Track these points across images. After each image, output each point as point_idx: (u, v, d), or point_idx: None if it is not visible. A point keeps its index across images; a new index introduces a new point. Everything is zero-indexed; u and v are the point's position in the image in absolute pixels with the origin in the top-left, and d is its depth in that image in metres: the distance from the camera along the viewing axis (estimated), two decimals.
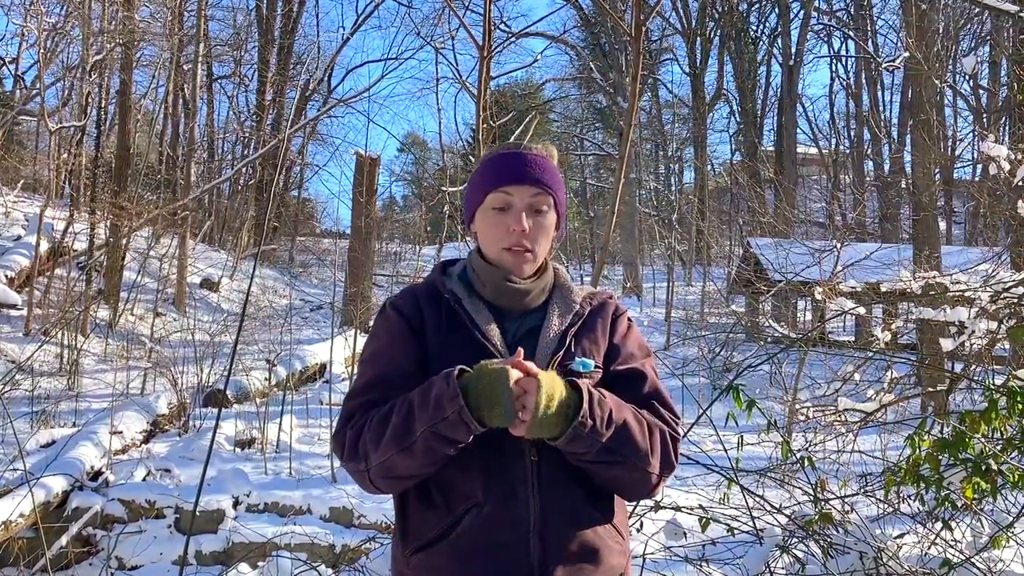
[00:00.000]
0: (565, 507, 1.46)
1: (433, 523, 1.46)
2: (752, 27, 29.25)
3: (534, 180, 1.55)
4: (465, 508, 1.44)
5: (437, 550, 1.45)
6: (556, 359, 1.50)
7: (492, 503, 1.43)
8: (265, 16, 23.04)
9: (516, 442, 1.44)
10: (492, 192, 1.56)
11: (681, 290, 20.98)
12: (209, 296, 15.63)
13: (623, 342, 1.62)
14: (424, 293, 1.59)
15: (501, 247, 1.55)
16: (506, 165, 1.57)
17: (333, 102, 22.92)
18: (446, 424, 1.34)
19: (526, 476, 1.44)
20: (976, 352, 5.03)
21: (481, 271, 1.58)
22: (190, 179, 16.75)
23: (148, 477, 6.59)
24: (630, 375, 1.58)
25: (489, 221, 1.56)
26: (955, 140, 23.11)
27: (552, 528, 1.44)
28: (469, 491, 1.44)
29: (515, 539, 1.42)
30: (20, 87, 19.67)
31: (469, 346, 1.49)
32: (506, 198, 1.55)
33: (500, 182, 1.55)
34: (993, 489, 2.73)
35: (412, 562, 1.47)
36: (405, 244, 30.53)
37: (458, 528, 1.44)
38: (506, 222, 1.54)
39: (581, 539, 1.46)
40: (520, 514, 1.43)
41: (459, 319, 1.54)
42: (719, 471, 3.41)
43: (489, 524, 1.43)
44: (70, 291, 11.60)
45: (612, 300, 1.68)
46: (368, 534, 5.23)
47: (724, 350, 12.58)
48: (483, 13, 4.52)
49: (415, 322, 1.55)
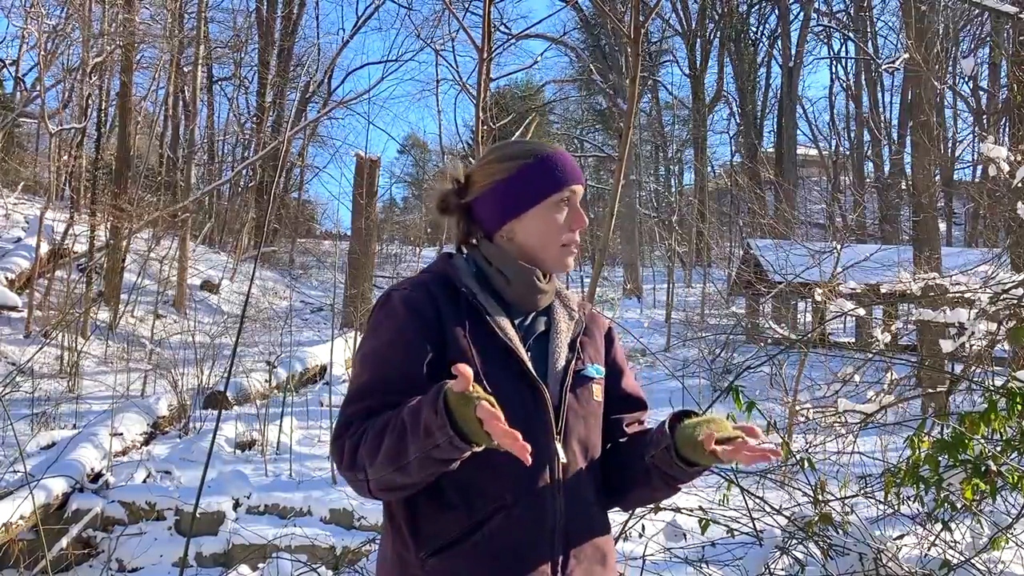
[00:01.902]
0: (583, 512, 1.50)
1: (452, 525, 1.42)
2: (752, 29, 29.33)
3: (581, 179, 1.61)
4: (493, 509, 1.42)
5: (459, 552, 1.41)
6: (571, 367, 1.54)
7: (522, 505, 1.43)
8: (265, 18, 23.07)
9: (543, 443, 1.45)
10: (558, 192, 1.57)
11: (681, 291, 20.99)
12: (209, 298, 15.64)
13: (616, 358, 1.69)
14: (437, 285, 1.54)
15: (560, 244, 1.57)
16: (569, 163, 1.61)
17: (333, 104, 22.93)
18: (439, 450, 1.29)
19: (554, 477, 1.46)
20: (976, 353, 5.03)
21: (511, 268, 1.56)
22: (190, 181, 16.77)
23: (148, 479, 6.59)
24: (634, 401, 1.68)
25: (553, 219, 1.57)
26: (955, 141, 23.13)
27: (574, 528, 1.47)
28: (496, 492, 1.42)
29: (541, 540, 1.44)
30: (20, 89, 19.68)
31: (493, 345, 1.48)
32: (572, 197, 1.58)
33: (570, 181, 1.58)
34: (992, 490, 2.73)
35: (428, 565, 1.42)
36: (405, 246, 30.56)
37: (483, 530, 1.41)
38: (570, 219, 1.58)
39: (595, 541, 1.51)
40: (547, 515, 1.45)
41: (480, 315, 1.51)
42: (719, 472, 3.41)
43: (519, 526, 1.42)
44: (70, 293, 11.61)
45: (596, 312, 1.73)
46: (369, 535, 5.23)
47: (724, 351, 12.58)
48: (482, 15, 4.52)
49: (429, 317, 1.48)
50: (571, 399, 1.51)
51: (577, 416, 1.51)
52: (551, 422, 1.47)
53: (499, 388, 1.38)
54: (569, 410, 1.50)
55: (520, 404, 1.44)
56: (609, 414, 1.62)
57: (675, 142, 32.23)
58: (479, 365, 1.43)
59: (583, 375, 1.54)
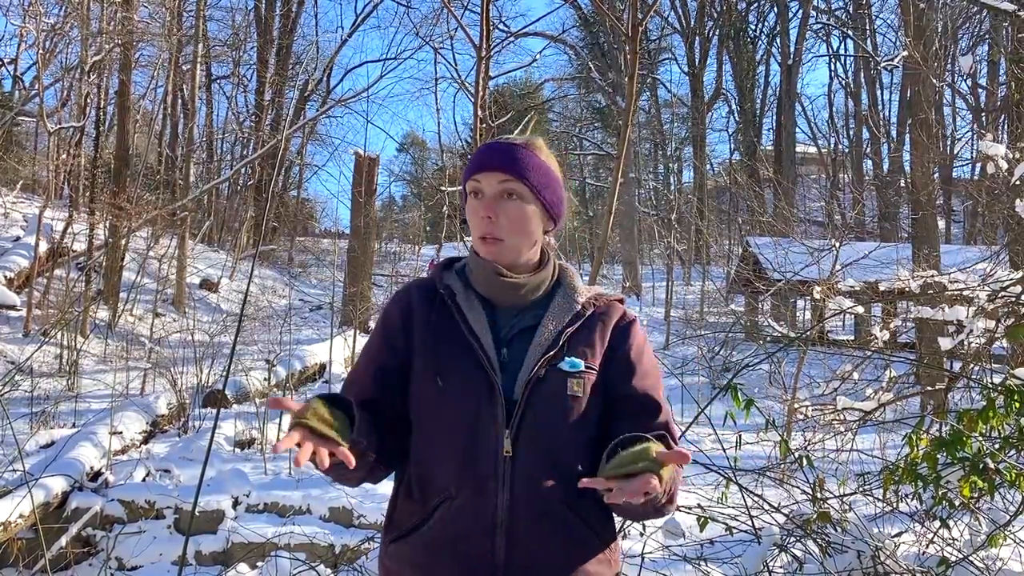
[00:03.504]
0: (537, 506, 1.44)
1: (410, 515, 1.49)
2: (751, 26, 29.33)
3: (499, 166, 1.53)
4: (439, 501, 1.46)
5: (409, 541, 1.48)
6: (547, 359, 1.49)
7: (463, 496, 1.44)
8: (264, 16, 23.03)
9: (489, 436, 1.44)
10: (468, 181, 1.56)
11: (680, 289, 21.00)
12: (208, 296, 15.63)
13: (638, 359, 1.58)
14: (420, 288, 1.60)
15: (477, 236, 1.55)
16: (478, 154, 1.57)
17: (332, 102, 22.94)
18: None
19: (497, 471, 1.43)
20: (974, 351, 5.03)
21: (474, 265, 1.58)
22: (189, 179, 16.76)
23: (148, 477, 6.59)
24: (648, 404, 1.54)
25: (469, 210, 1.57)
26: (954, 139, 23.13)
27: (520, 526, 1.43)
28: (444, 484, 1.46)
29: (480, 534, 1.43)
30: (19, 88, 19.67)
31: (455, 342, 1.50)
32: (476, 185, 1.55)
33: (472, 170, 1.56)
34: (991, 488, 2.73)
35: (389, 551, 1.52)
36: (404, 244, 30.61)
37: (430, 520, 1.46)
38: (477, 208, 1.54)
39: (551, 541, 1.44)
40: (488, 509, 1.43)
41: (450, 314, 1.54)
42: (717, 470, 3.41)
43: (457, 517, 1.44)
44: (69, 292, 11.60)
45: (621, 306, 1.64)
46: (367, 534, 5.24)
47: (723, 349, 12.59)
48: (481, 13, 4.52)
49: (404, 317, 1.57)
50: (531, 393, 1.46)
51: (536, 410, 1.46)
52: (500, 415, 1.45)
53: (451, 381, 1.47)
54: (527, 404, 1.45)
55: (473, 396, 1.46)
56: (609, 414, 1.52)
57: (674, 140, 32.22)
58: (437, 363, 1.50)
59: (556, 368, 1.48)
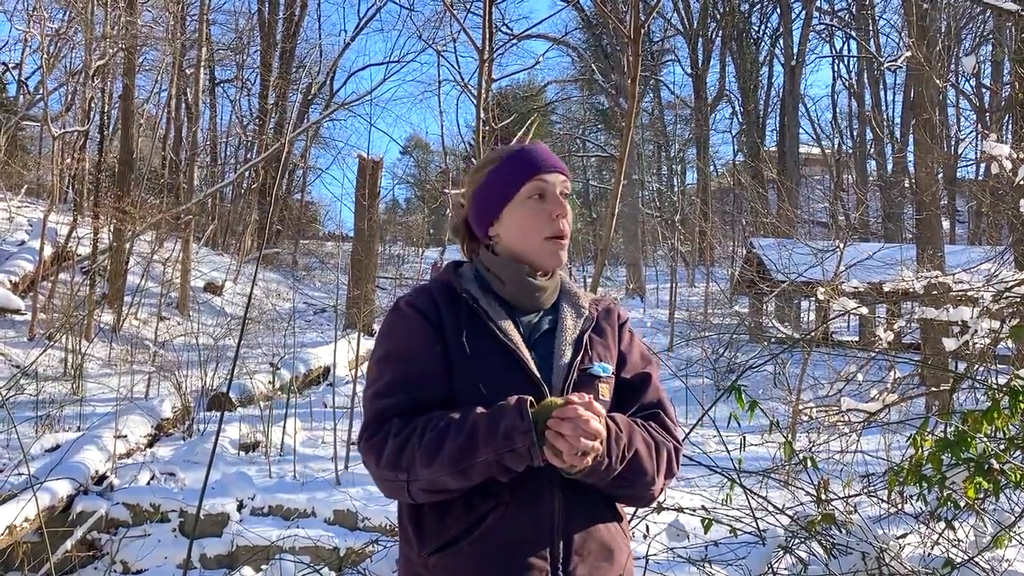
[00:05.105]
0: (585, 508, 1.50)
1: (452, 523, 1.46)
2: (754, 28, 29.29)
3: (559, 168, 1.58)
4: (489, 507, 1.44)
5: (459, 550, 1.45)
6: (575, 365, 1.52)
7: (518, 502, 1.44)
8: (267, 20, 23.10)
9: None
10: (528, 182, 1.56)
11: (684, 291, 20.97)
12: (212, 300, 15.66)
13: (628, 350, 1.64)
14: (440, 291, 1.57)
15: (543, 237, 1.55)
16: (536, 155, 1.59)
17: (335, 105, 22.94)
18: (512, 455, 1.37)
19: (550, 477, 1.46)
20: (979, 352, 5.02)
21: (501, 267, 1.57)
22: (193, 183, 16.80)
23: (152, 481, 6.60)
24: (637, 382, 1.61)
25: (527, 212, 1.56)
26: (958, 139, 23.12)
27: (574, 528, 1.47)
28: (494, 490, 1.44)
29: (539, 538, 1.44)
30: (23, 92, 19.74)
31: (495, 348, 1.49)
32: (543, 185, 1.56)
33: (535, 171, 1.56)
34: (996, 489, 2.72)
35: (430, 563, 1.47)
36: (408, 246, 30.61)
37: (481, 527, 1.44)
38: (546, 209, 1.55)
39: (599, 538, 1.50)
40: (544, 514, 1.45)
41: (480, 320, 1.53)
42: (722, 472, 3.41)
43: (515, 522, 1.44)
44: (74, 296, 11.64)
45: (616, 306, 1.69)
46: (372, 536, 5.23)
47: (727, 351, 12.56)
48: (483, 16, 4.52)
49: (434, 320, 1.52)
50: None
51: None
52: None
53: (499, 389, 1.44)
54: None
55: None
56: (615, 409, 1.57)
57: (677, 141, 32.21)
58: (479, 368, 1.47)
59: (589, 373, 1.53)
